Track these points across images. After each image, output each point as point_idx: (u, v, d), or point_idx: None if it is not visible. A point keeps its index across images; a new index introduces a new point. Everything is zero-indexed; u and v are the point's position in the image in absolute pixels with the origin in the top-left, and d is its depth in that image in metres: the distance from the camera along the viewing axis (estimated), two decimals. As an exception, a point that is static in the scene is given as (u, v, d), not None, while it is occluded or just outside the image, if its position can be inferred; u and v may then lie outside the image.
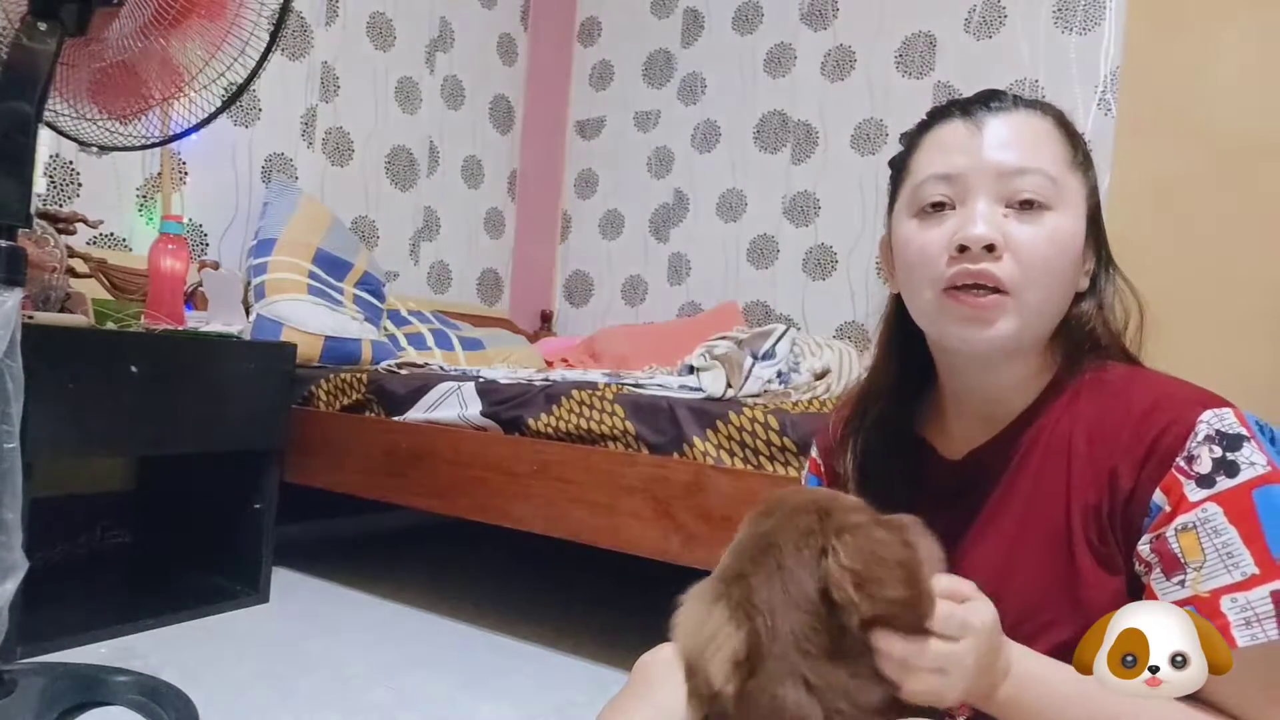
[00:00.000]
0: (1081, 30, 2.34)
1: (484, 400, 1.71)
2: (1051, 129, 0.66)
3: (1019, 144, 0.64)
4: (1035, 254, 0.61)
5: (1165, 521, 0.57)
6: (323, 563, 2.13)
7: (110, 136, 1.22)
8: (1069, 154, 0.65)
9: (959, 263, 0.62)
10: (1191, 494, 0.56)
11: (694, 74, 3.12)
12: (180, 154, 2.21)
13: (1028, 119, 0.65)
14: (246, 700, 1.33)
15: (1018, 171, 0.62)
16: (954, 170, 0.64)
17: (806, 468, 0.84)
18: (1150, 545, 0.57)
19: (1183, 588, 0.55)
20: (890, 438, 0.73)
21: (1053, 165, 0.63)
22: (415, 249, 2.96)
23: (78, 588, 1.78)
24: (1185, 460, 0.57)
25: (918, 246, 0.66)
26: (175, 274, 1.77)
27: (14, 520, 1.08)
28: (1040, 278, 0.62)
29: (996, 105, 0.66)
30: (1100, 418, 0.63)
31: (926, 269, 0.65)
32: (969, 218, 0.62)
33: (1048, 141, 0.65)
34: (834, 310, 2.75)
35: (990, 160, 0.63)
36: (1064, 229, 0.63)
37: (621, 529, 1.48)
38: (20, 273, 1.08)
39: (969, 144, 0.64)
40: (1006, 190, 0.62)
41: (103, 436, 1.52)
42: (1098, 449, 0.62)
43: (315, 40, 2.55)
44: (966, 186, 0.63)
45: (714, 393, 1.57)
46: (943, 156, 0.65)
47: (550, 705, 1.41)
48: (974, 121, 0.65)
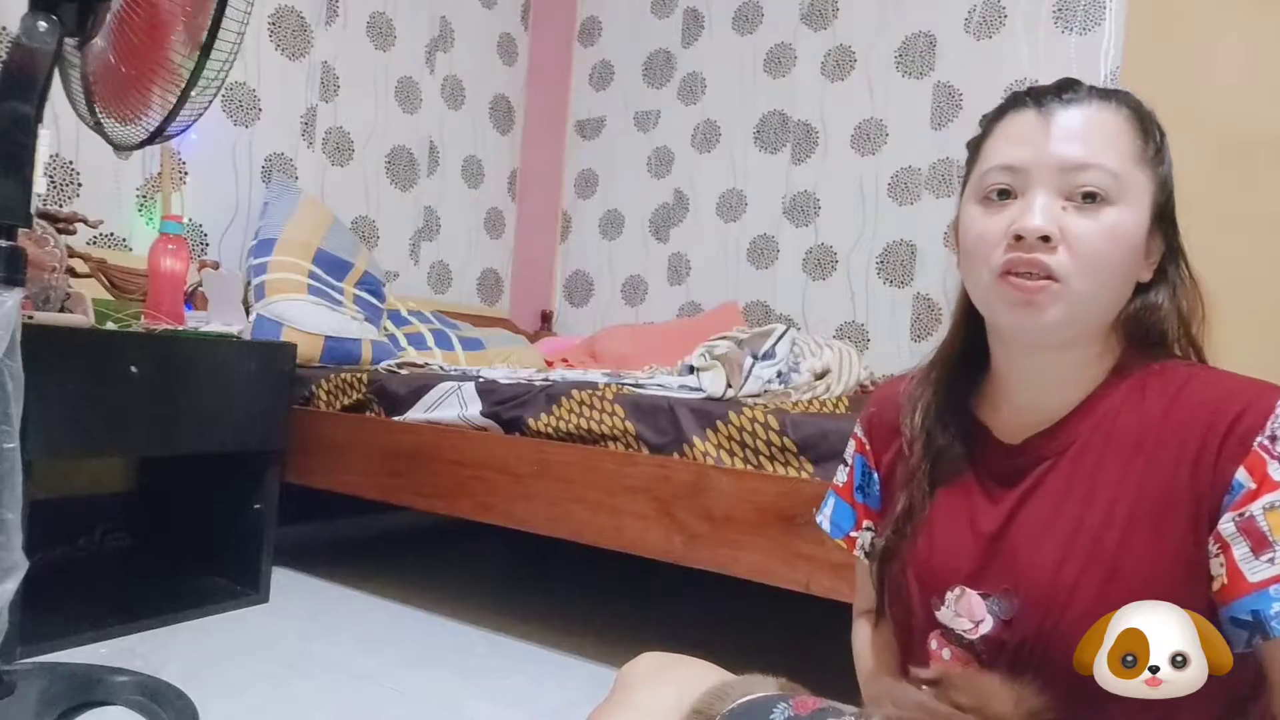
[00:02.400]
0: (1081, 30, 2.34)
1: (484, 400, 1.71)
2: (1123, 122, 0.65)
3: (1085, 138, 0.64)
4: (1090, 246, 0.62)
5: (1250, 499, 0.57)
6: (323, 563, 2.13)
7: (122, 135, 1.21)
8: (1138, 148, 0.65)
9: (1015, 250, 0.63)
10: (1276, 473, 0.56)
11: (694, 74, 3.12)
12: (180, 154, 2.21)
13: (1099, 111, 0.65)
14: (246, 700, 1.33)
15: (1080, 166, 0.63)
16: (1018, 161, 0.65)
17: (852, 447, 0.84)
18: (1235, 524, 0.57)
19: (1273, 564, 0.55)
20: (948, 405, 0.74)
21: (1117, 160, 0.63)
22: (415, 249, 2.96)
23: (77, 588, 1.78)
24: (1269, 439, 0.57)
25: (978, 232, 0.67)
26: (175, 274, 1.77)
27: (14, 520, 1.07)
28: (1093, 269, 0.62)
29: (1069, 96, 0.66)
30: (1169, 410, 0.63)
31: (984, 254, 0.66)
32: (1027, 208, 0.63)
33: (1116, 135, 0.65)
34: (834, 310, 2.75)
35: (1054, 153, 0.64)
36: (1124, 223, 0.63)
37: (624, 529, 1.48)
38: (20, 272, 1.08)
39: (1036, 135, 0.65)
40: (1068, 183, 0.63)
41: (103, 437, 1.52)
42: (1167, 441, 0.62)
43: (315, 40, 2.55)
44: (1029, 177, 0.64)
45: (714, 393, 1.57)
46: (1010, 146, 0.66)
47: (550, 705, 1.41)
48: (1044, 112, 0.65)
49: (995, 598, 0.67)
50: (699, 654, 0.78)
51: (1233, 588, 0.56)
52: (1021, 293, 0.63)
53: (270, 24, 2.42)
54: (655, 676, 0.73)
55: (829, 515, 0.84)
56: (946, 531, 0.71)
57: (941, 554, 0.70)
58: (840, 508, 0.84)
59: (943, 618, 0.70)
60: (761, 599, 1.61)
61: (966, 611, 0.68)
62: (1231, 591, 0.56)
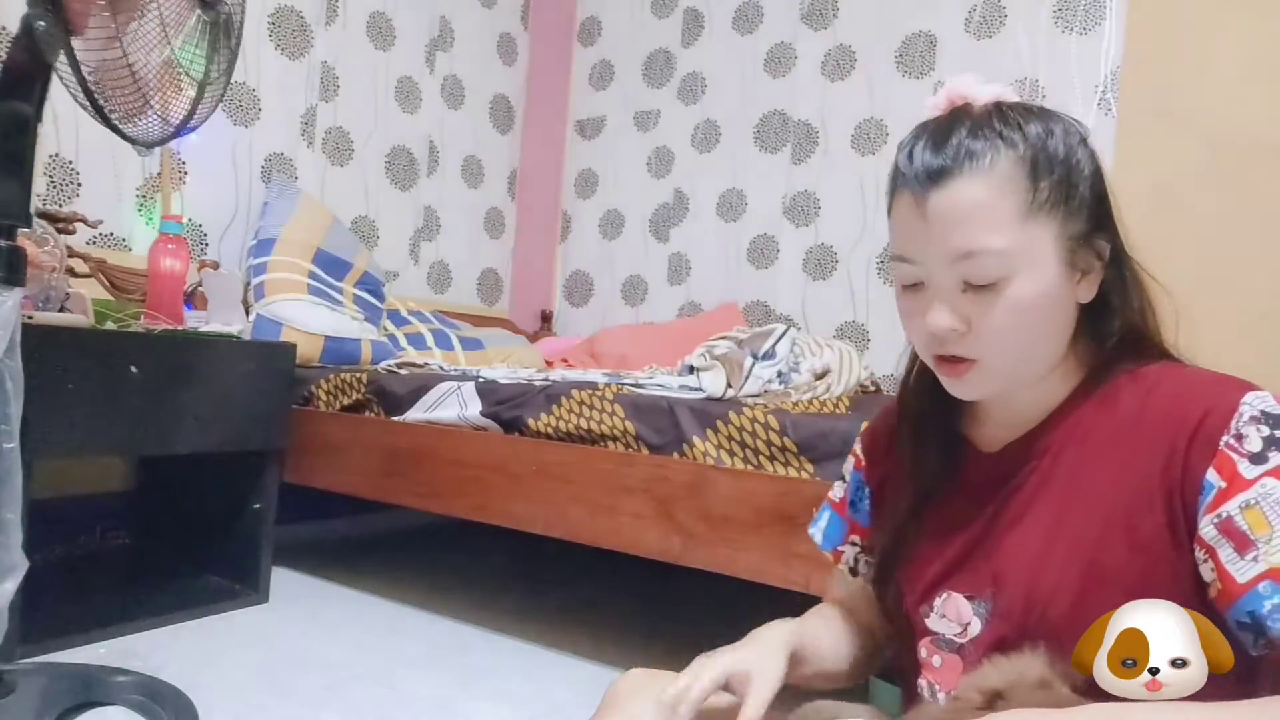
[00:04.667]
0: (1082, 30, 2.34)
1: (484, 400, 1.71)
2: (1001, 182, 0.62)
3: (963, 222, 0.62)
4: (996, 326, 0.63)
5: (1223, 498, 0.57)
6: (322, 563, 2.13)
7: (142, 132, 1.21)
8: (1024, 203, 0.62)
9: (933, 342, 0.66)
10: (1246, 471, 0.57)
11: (694, 74, 3.12)
12: (180, 154, 2.21)
13: (969, 184, 0.62)
14: (246, 700, 1.33)
15: (964, 255, 0.62)
16: (911, 255, 0.66)
17: (850, 463, 0.86)
18: (1215, 526, 0.57)
19: (1257, 562, 0.55)
20: (931, 434, 0.75)
21: (1001, 235, 0.61)
22: (415, 249, 2.96)
23: (77, 588, 1.78)
24: (1234, 439, 0.58)
25: (904, 313, 0.69)
26: (175, 274, 1.77)
27: (13, 520, 1.08)
28: (1006, 345, 0.64)
29: (938, 174, 0.62)
30: (1140, 411, 0.64)
31: (914, 334, 0.69)
32: (929, 306, 0.65)
33: (996, 204, 0.61)
34: (834, 310, 2.75)
35: (937, 249, 0.63)
36: (1026, 293, 0.62)
37: (622, 529, 1.48)
38: (20, 272, 1.08)
39: (917, 227, 0.64)
40: (961, 272, 0.63)
41: (102, 436, 1.52)
42: (1140, 441, 0.63)
43: (315, 40, 2.55)
44: (926, 270, 0.65)
45: (714, 393, 1.57)
46: (901, 238, 0.67)
47: (549, 705, 1.41)
48: (919, 198, 0.63)
49: (980, 600, 0.68)
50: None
51: (1227, 592, 0.56)
52: (951, 378, 0.67)
53: (270, 24, 2.42)
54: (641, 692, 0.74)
55: (822, 528, 0.87)
56: (932, 540, 0.72)
57: (927, 562, 0.72)
58: (834, 521, 0.86)
59: (932, 624, 0.71)
60: (761, 599, 1.61)
61: (954, 615, 0.69)
62: (1226, 596, 0.56)
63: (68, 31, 1.03)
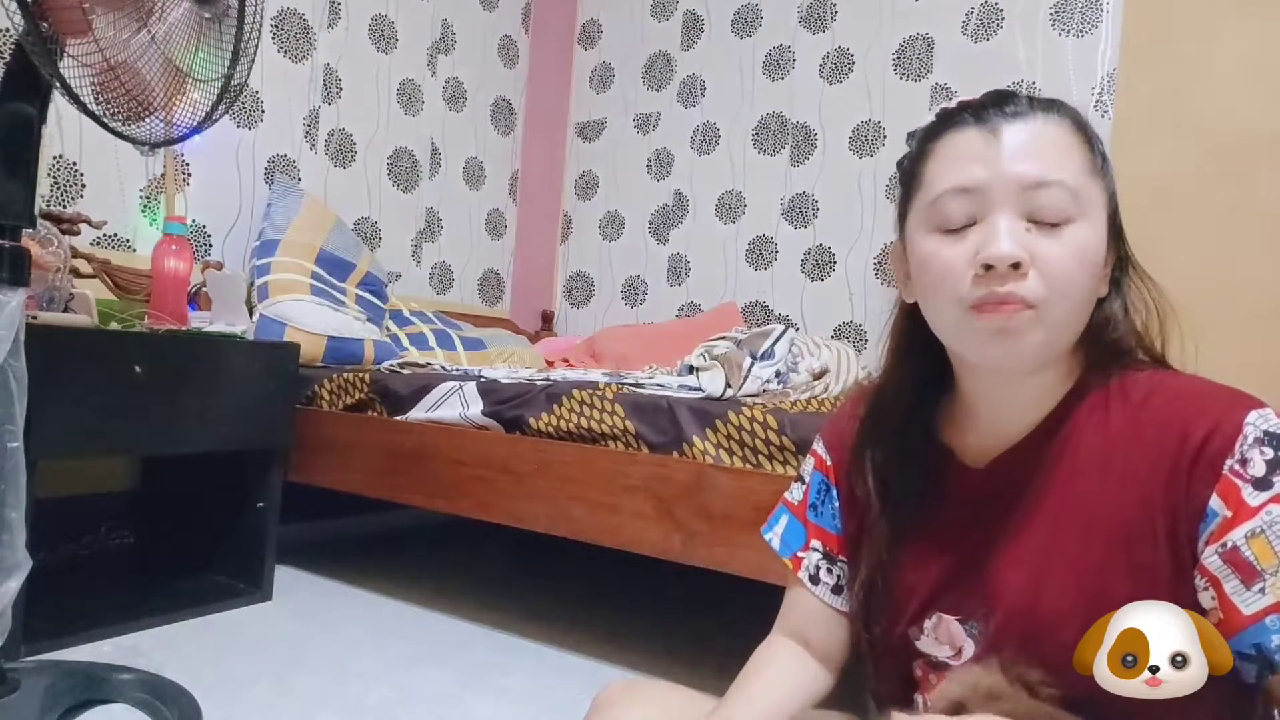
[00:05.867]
0: (1079, 32, 2.34)
1: (485, 400, 1.72)
2: (1071, 134, 0.62)
3: (1040, 154, 0.60)
4: (1061, 269, 0.59)
5: (1227, 528, 0.55)
6: (325, 561, 2.14)
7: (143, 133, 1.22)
8: (1089, 160, 0.62)
9: (984, 282, 0.60)
10: (1251, 499, 0.55)
11: (693, 76, 3.13)
12: (183, 155, 2.22)
13: (1045, 125, 0.61)
14: (249, 698, 1.34)
15: (1039, 184, 0.59)
16: (973, 183, 0.61)
17: (811, 464, 0.81)
18: (1220, 556, 0.55)
19: (1264, 595, 0.54)
20: (912, 446, 0.71)
21: (1074, 175, 0.60)
22: (417, 250, 2.97)
23: (81, 586, 1.79)
24: (1238, 463, 0.56)
25: (941, 264, 0.62)
26: (178, 274, 1.78)
27: (18, 519, 1.09)
28: (1066, 292, 0.60)
29: (1012, 109, 0.62)
30: (1135, 426, 0.61)
31: (951, 287, 0.62)
32: (992, 234, 0.59)
33: (1068, 149, 0.61)
34: (832, 310, 2.76)
35: (1011, 172, 0.60)
36: (1088, 241, 0.60)
37: (623, 528, 1.49)
38: (24, 273, 1.09)
39: (986, 154, 0.60)
40: (1028, 203, 0.59)
41: (106, 436, 1.53)
42: (1136, 458, 0.60)
43: (318, 42, 2.56)
44: (987, 200, 0.60)
45: (713, 392, 1.58)
46: (960, 168, 0.61)
47: (551, 703, 1.41)
48: (989, 128, 0.61)
49: (973, 622, 0.66)
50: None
51: (1229, 622, 0.55)
52: (1000, 317, 0.59)
53: (273, 26, 2.43)
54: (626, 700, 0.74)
55: (779, 532, 0.81)
56: (919, 560, 0.69)
57: (914, 583, 0.69)
58: (792, 525, 0.81)
59: (923, 646, 0.69)
60: (761, 598, 1.61)
61: (946, 639, 0.67)
62: (1228, 626, 0.55)
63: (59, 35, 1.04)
